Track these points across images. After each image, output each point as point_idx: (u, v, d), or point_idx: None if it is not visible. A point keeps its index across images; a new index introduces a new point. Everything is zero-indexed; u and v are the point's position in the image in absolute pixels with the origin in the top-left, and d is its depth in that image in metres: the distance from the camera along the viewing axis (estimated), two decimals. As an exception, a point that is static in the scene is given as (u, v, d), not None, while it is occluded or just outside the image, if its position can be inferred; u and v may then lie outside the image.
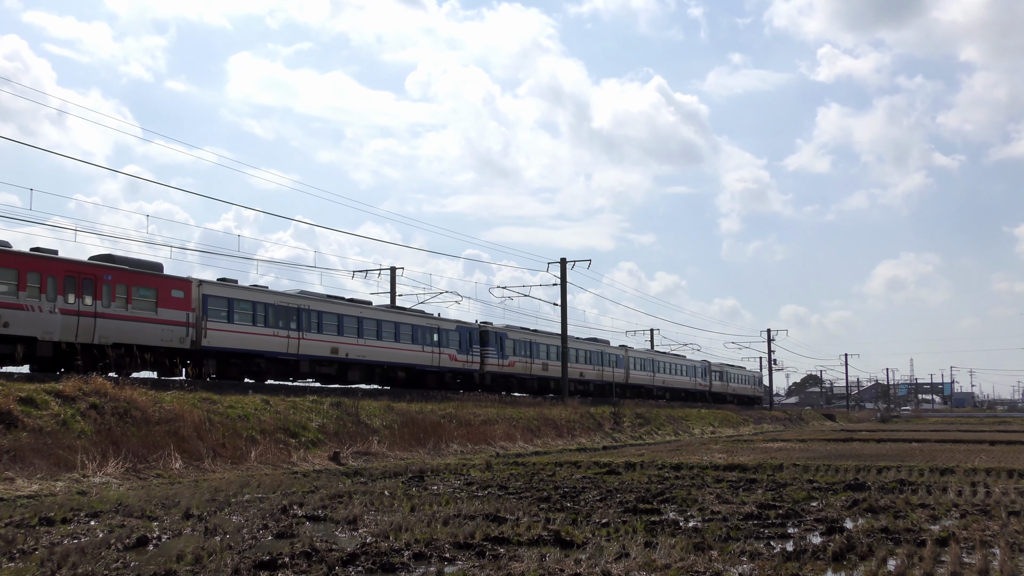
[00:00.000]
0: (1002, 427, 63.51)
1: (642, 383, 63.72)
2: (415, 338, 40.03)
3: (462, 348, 42.90)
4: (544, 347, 50.36)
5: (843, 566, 10.23)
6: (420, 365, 40.40)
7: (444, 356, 41.65)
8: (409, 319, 40.01)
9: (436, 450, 29.38)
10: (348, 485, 18.64)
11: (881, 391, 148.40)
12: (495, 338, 45.82)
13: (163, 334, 28.62)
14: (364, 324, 37.01)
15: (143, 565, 10.02)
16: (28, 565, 10.01)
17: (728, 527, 12.71)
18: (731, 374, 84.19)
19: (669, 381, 68.85)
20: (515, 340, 47.72)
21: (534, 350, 49.11)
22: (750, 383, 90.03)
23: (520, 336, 48.37)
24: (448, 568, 10.11)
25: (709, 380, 77.09)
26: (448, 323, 42.62)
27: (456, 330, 42.88)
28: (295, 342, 33.50)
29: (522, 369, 48.06)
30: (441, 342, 41.50)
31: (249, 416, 25.09)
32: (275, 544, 11.38)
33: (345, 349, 35.81)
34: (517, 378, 48.14)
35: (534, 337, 49.58)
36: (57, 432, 19.64)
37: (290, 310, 33.57)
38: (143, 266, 29.03)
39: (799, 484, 18.97)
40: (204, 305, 30.15)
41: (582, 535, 11.88)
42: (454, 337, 42.54)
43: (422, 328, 40.58)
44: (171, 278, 29.46)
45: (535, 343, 49.43)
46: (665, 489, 17.90)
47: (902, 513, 14.20)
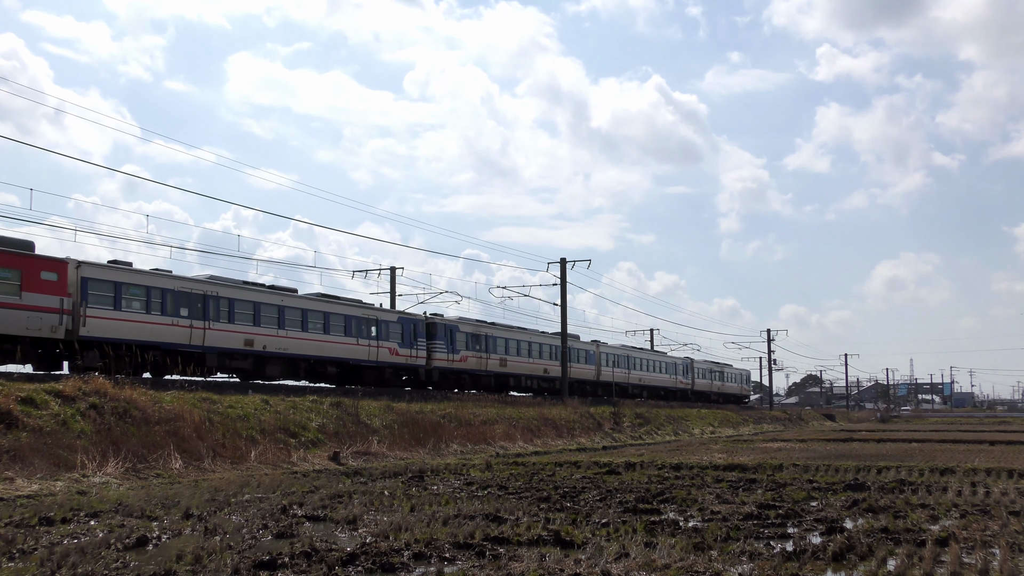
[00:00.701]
0: (1002, 427, 63.52)
1: (616, 380, 60.26)
2: (348, 330, 36.81)
3: (405, 341, 39.80)
4: (502, 341, 47.18)
5: (843, 566, 10.23)
6: (354, 359, 37.14)
7: (383, 350, 38.49)
8: (341, 309, 36.80)
9: (436, 450, 29.39)
10: (348, 485, 18.64)
11: (881, 391, 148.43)
12: (444, 331, 42.72)
13: (28, 322, 25.27)
14: (286, 314, 33.86)
15: (143, 565, 10.02)
16: (28, 565, 10.01)
17: (728, 527, 12.71)
18: (717, 372, 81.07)
19: (647, 379, 65.53)
20: (468, 333, 44.51)
21: (490, 344, 45.91)
22: (738, 381, 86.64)
23: (473, 329, 45.20)
24: (448, 568, 10.11)
25: (692, 378, 74.03)
26: (389, 314, 40.01)
27: (398, 322, 39.94)
28: (200, 332, 30.37)
29: (476, 365, 44.89)
30: (380, 335, 38.37)
31: (249, 416, 25.09)
32: (275, 544, 11.38)
33: (262, 341, 32.63)
34: (470, 374, 44.99)
35: (490, 331, 46.56)
36: (57, 432, 19.65)
37: (194, 296, 30.38)
38: (3, 243, 25.42)
39: (799, 484, 18.97)
40: (83, 289, 26.98)
41: (582, 535, 11.88)
42: (395, 329, 39.55)
43: (357, 319, 37.35)
44: (41, 258, 26.01)
45: (491, 337, 46.28)
46: (665, 489, 17.90)
47: (902, 513, 14.20)
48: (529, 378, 49.76)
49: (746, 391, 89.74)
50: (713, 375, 79.61)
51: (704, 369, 77.71)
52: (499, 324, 48.27)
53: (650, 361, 67.05)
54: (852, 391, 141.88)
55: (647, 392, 65.53)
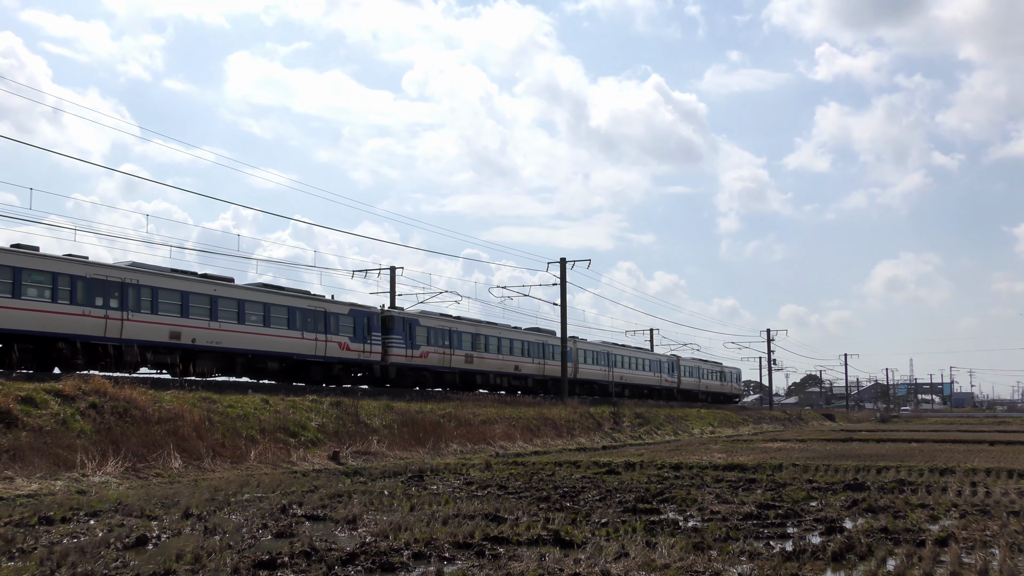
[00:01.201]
0: (1002, 427, 63.52)
1: (594, 378, 57.52)
2: (292, 323, 34.15)
3: (357, 336, 37.15)
4: (468, 336, 44.44)
5: (842, 566, 10.23)
6: (299, 355, 34.46)
7: (332, 344, 35.81)
8: (283, 300, 34.15)
9: (435, 450, 29.39)
10: (347, 485, 18.65)
11: (881, 391, 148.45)
12: (403, 325, 40.19)
13: None
14: (219, 304, 31.21)
15: (143, 564, 10.02)
16: (27, 564, 10.01)
17: (728, 527, 12.71)
18: (705, 370, 78.17)
19: (628, 376, 62.38)
20: (430, 328, 41.85)
21: (455, 340, 43.26)
22: (728, 380, 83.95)
23: (437, 323, 42.61)
24: (447, 568, 10.11)
25: (678, 376, 71.36)
26: (339, 306, 36.97)
27: (350, 315, 37.15)
28: (117, 324, 27.59)
29: (438, 361, 42.13)
30: (329, 328, 35.76)
31: (249, 416, 25.10)
32: (274, 543, 11.38)
33: (191, 334, 29.98)
34: (432, 371, 42.32)
35: (456, 325, 43.87)
36: (57, 431, 19.65)
37: (110, 284, 27.67)
38: None
39: (798, 484, 18.97)
40: None
41: (582, 535, 11.88)
42: (346, 323, 36.80)
43: (302, 311, 34.71)
44: None
45: (456, 332, 43.54)
46: (665, 489, 17.91)
47: (901, 513, 14.21)
48: (499, 375, 47.44)
49: (737, 390, 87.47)
50: (701, 373, 77.11)
51: (691, 367, 75.28)
52: (465, 318, 45.89)
53: (632, 358, 64.09)
54: (852, 391, 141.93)
55: (629, 391, 62.69)
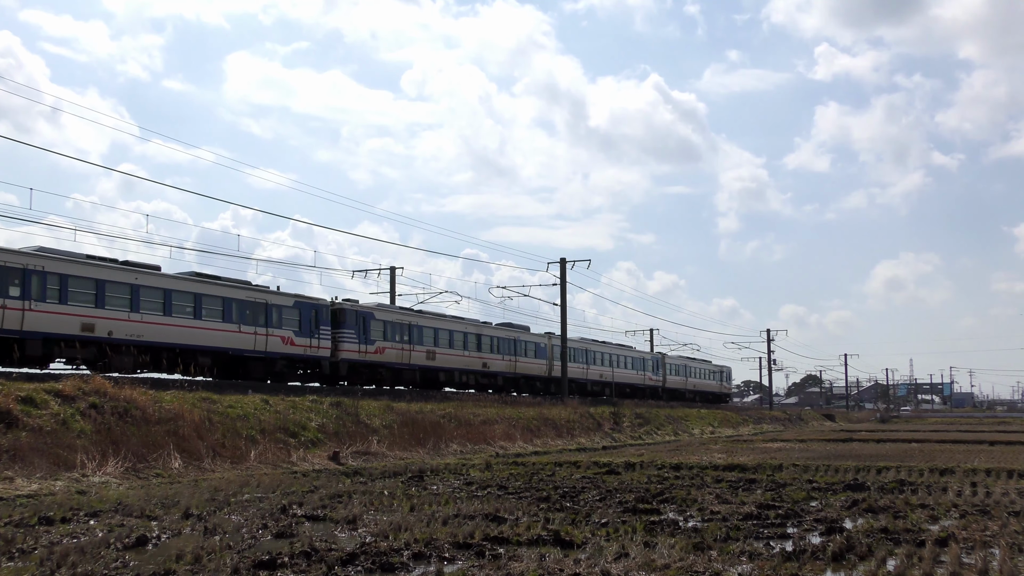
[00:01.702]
0: (1002, 427, 63.51)
1: (571, 376, 53.96)
2: (228, 315, 31.52)
3: (303, 330, 34.57)
4: (430, 331, 41.85)
5: (842, 566, 10.23)
6: (235, 349, 31.78)
7: (274, 339, 33.20)
8: (217, 290, 31.45)
9: (436, 450, 29.39)
10: (348, 485, 18.64)
11: (881, 391, 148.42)
12: (355, 319, 37.46)
13: None
14: (142, 294, 28.53)
15: (143, 564, 10.02)
16: (27, 564, 10.01)
17: (728, 527, 12.71)
18: (692, 368, 75.80)
19: (609, 374, 59.84)
20: (386, 322, 39.17)
21: (415, 335, 40.67)
22: (715, 379, 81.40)
23: (394, 317, 39.91)
24: (448, 568, 10.11)
25: (663, 374, 68.94)
26: (282, 297, 34.19)
27: (295, 307, 34.53)
28: (17, 314, 25.23)
29: (396, 358, 39.48)
30: (271, 321, 33.16)
31: (249, 416, 25.10)
32: (274, 544, 11.37)
33: (107, 326, 27.38)
34: (389, 368, 39.64)
35: (416, 319, 41.30)
36: (57, 431, 19.65)
37: (10, 271, 25.24)
38: None
39: (799, 484, 18.97)
40: None
41: (582, 535, 11.88)
42: (291, 315, 34.25)
43: (239, 303, 32.09)
44: None
45: (417, 326, 40.93)
46: (665, 489, 17.91)
47: (902, 513, 14.20)
48: (465, 373, 44.86)
49: (726, 389, 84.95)
50: (688, 371, 74.73)
51: (677, 365, 73.00)
52: (428, 312, 43.67)
53: (613, 355, 61.36)
54: (852, 391, 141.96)
55: (610, 390, 60.16)
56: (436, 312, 44.92)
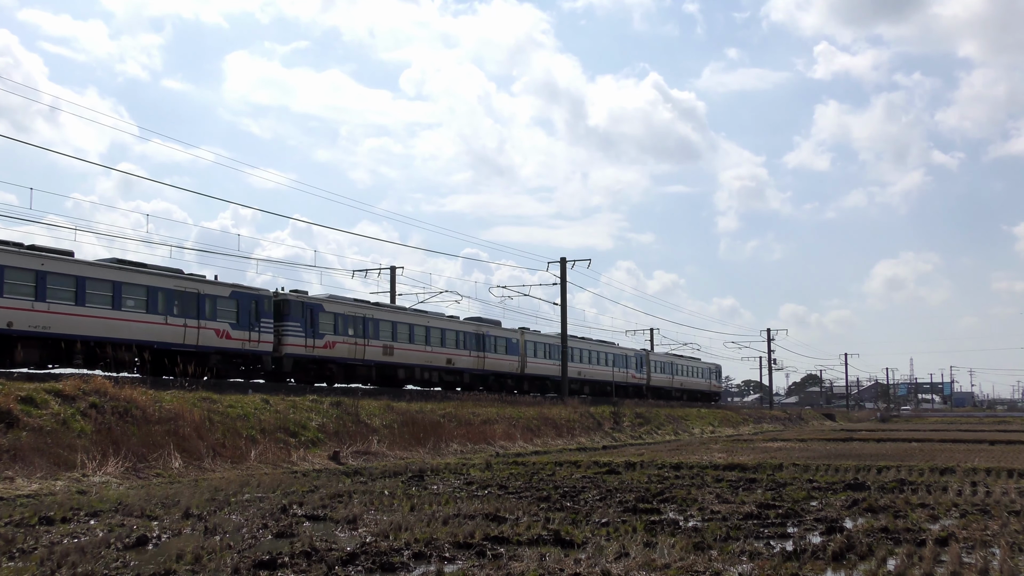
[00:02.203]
0: (1002, 427, 63.51)
1: (546, 374, 52.19)
2: (153, 305, 28.96)
3: (242, 322, 32.01)
4: (387, 325, 39.40)
5: (843, 566, 10.23)
6: (161, 343, 29.32)
7: (207, 332, 30.72)
8: (141, 278, 28.85)
9: (436, 450, 29.39)
10: (348, 484, 18.65)
11: (881, 391, 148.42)
12: (301, 311, 35.01)
13: None
14: (49, 281, 26.10)
15: (143, 564, 10.02)
16: (28, 564, 10.01)
17: (728, 527, 12.71)
18: (679, 366, 73.19)
19: (588, 372, 56.55)
20: (337, 315, 36.73)
21: (369, 328, 38.17)
22: (705, 376, 78.45)
23: (346, 310, 37.39)
24: (448, 568, 10.11)
25: (647, 372, 66.33)
26: (217, 287, 31.70)
27: (231, 297, 31.92)
28: None
29: (349, 353, 37.04)
30: (203, 313, 30.64)
31: (249, 415, 25.10)
32: (275, 543, 11.38)
33: (6, 316, 25.02)
34: (340, 364, 37.20)
35: (372, 312, 38.79)
36: (57, 431, 19.65)
37: None
38: None
39: (799, 484, 18.98)
40: None
41: (582, 535, 11.88)
42: (227, 307, 31.68)
43: (167, 292, 29.58)
44: None
45: (371, 319, 38.40)
46: (665, 489, 17.91)
47: (902, 513, 14.21)
48: (427, 370, 42.34)
49: (716, 387, 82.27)
50: (675, 369, 72.10)
51: (663, 362, 70.55)
52: (385, 305, 41.48)
53: (592, 352, 58.10)
54: (852, 391, 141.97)
55: (589, 388, 57.52)
56: (395, 305, 42.51)
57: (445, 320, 44.29)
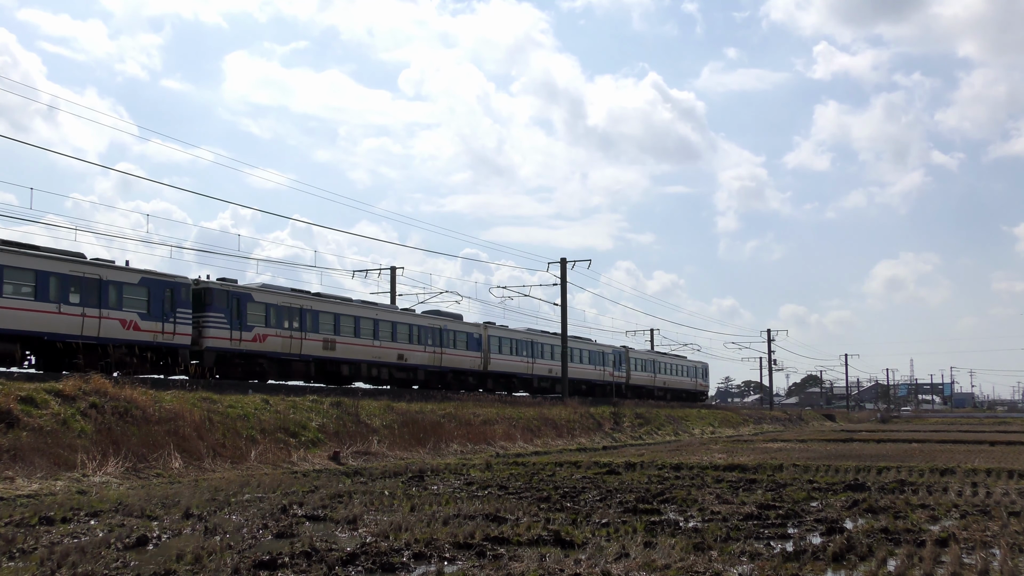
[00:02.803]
0: (1002, 427, 63.52)
1: (512, 371, 49.36)
2: (43, 292, 26.02)
3: (154, 312, 28.97)
4: (328, 317, 36.53)
5: (843, 566, 10.23)
6: (53, 334, 26.36)
7: (111, 323, 27.66)
8: (25, 262, 25.86)
9: (436, 450, 29.40)
10: (348, 485, 18.65)
11: (881, 391, 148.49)
12: (226, 300, 31.98)
13: None
14: None
15: (143, 564, 10.02)
16: (28, 564, 10.01)
17: (728, 527, 12.71)
18: (662, 364, 70.28)
19: (558, 370, 52.42)
20: (270, 305, 33.66)
21: (308, 320, 35.31)
22: (690, 375, 75.67)
23: (280, 300, 34.33)
24: (448, 568, 10.11)
25: (627, 370, 63.20)
26: (124, 273, 28.62)
27: (141, 284, 28.87)
28: None
29: (283, 347, 34.04)
30: (106, 301, 27.56)
31: (249, 416, 25.11)
32: (275, 544, 11.38)
33: None
34: (273, 359, 33.98)
35: (311, 303, 35.91)
36: (57, 431, 19.65)
37: None
38: None
39: (799, 484, 18.97)
40: None
41: (582, 535, 11.88)
42: (136, 295, 28.64)
43: (61, 277, 26.61)
44: None
45: (311, 311, 35.61)
46: (665, 489, 17.91)
47: (902, 513, 14.21)
48: (375, 366, 39.31)
49: (703, 386, 79.28)
50: (657, 367, 69.12)
51: (644, 360, 67.23)
52: (327, 295, 37.99)
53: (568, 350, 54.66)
54: (852, 391, 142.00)
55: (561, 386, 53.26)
56: (336, 295, 38.95)
57: (397, 313, 41.67)
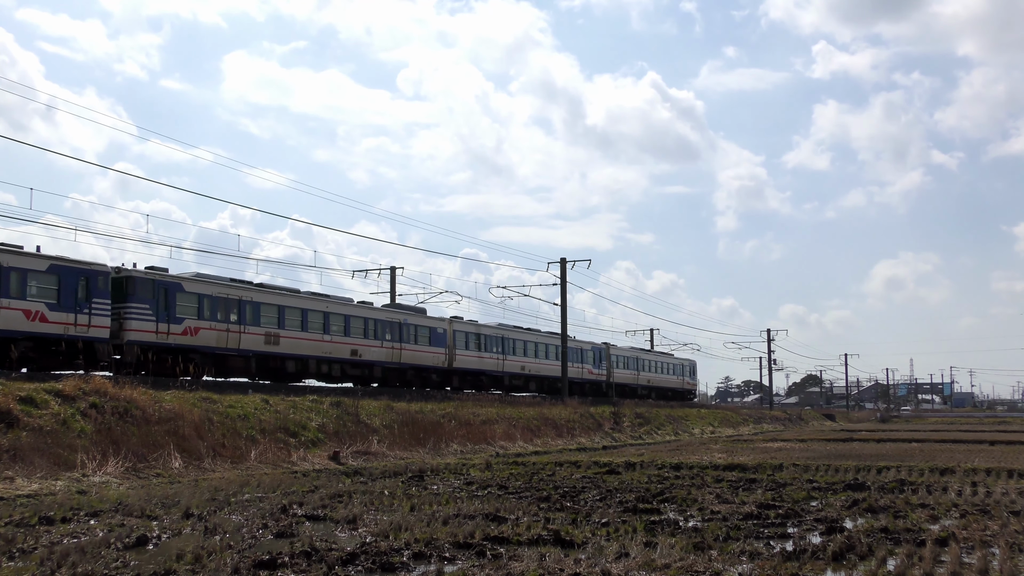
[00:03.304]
0: (1002, 427, 63.54)
1: (481, 368, 46.49)
2: None
3: (64, 302, 26.54)
4: (273, 309, 33.81)
5: (843, 566, 10.23)
6: None
7: (12, 313, 25.35)
8: None
9: (436, 450, 29.40)
10: (348, 485, 18.65)
11: (881, 391, 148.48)
12: (151, 290, 29.25)
13: None
14: None
15: (143, 564, 10.03)
16: (28, 564, 10.01)
17: (728, 527, 12.72)
18: (645, 361, 67.15)
19: (534, 367, 50.74)
20: (203, 296, 31.04)
21: (248, 313, 32.61)
22: (677, 373, 72.71)
23: (215, 290, 31.63)
24: (448, 568, 10.12)
25: (607, 368, 59.95)
26: (27, 259, 26.14)
27: (50, 272, 26.44)
28: None
29: (217, 341, 31.31)
30: (6, 290, 25.21)
31: (249, 416, 25.11)
32: (275, 543, 11.38)
33: None
34: (208, 354, 31.30)
35: (250, 293, 33.05)
36: (57, 431, 19.66)
37: None
38: None
39: (799, 484, 18.98)
40: None
41: (582, 535, 11.89)
42: (43, 283, 26.30)
43: None
44: None
45: (251, 303, 32.85)
46: (665, 489, 17.91)
47: (902, 513, 14.21)
48: (325, 362, 36.58)
49: (690, 385, 76.14)
50: (641, 365, 66.05)
51: (627, 357, 64.01)
52: (270, 286, 35.35)
53: (540, 345, 52.21)
54: (852, 391, 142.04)
55: (536, 384, 51.91)
56: (283, 287, 36.09)
57: (351, 306, 38.48)
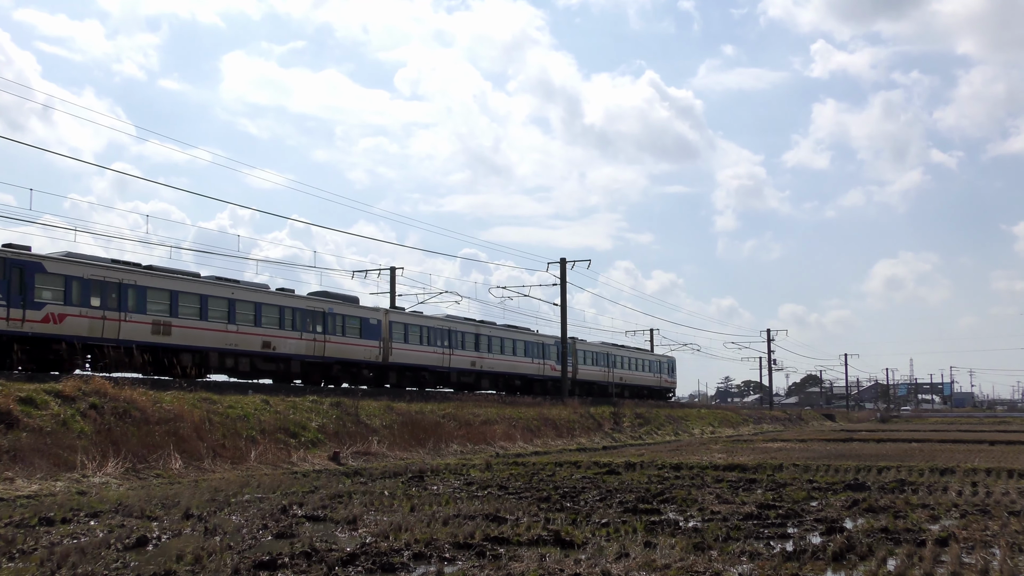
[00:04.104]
0: (1002, 427, 63.52)
1: (422, 364, 42.07)
2: None
3: None
4: (164, 295, 29.83)
5: (843, 566, 10.23)
6: None
7: None
8: None
9: (436, 450, 29.40)
10: (348, 485, 18.65)
11: (881, 391, 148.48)
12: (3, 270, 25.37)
13: None
14: None
15: (143, 565, 10.02)
16: (28, 565, 10.01)
17: (728, 527, 12.71)
18: (619, 358, 62.43)
19: (489, 363, 46.53)
20: (70, 278, 27.06)
21: (130, 298, 28.65)
22: (654, 371, 68.63)
23: (87, 272, 27.61)
24: (448, 568, 10.12)
25: (574, 364, 55.06)
26: None
27: None
28: None
29: (88, 329, 27.34)
30: None
31: (249, 416, 25.10)
32: (275, 544, 11.38)
33: None
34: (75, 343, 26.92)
35: (132, 276, 29.03)
36: (57, 432, 19.65)
37: None
38: None
39: (799, 484, 18.97)
40: None
41: (582, 535, 11.88)
42: None
43: None
44: None
45: (132, 286, 28.80)
46: (665, 489, 17.91)
47: (902, 513, 14.21)
48: (230, 355, 32.29)
49: (668, 383, 71.44)
50: (611, 361, 61.12)
51: (596, 353, 59.35)
52: (160, 268, 31.15)
53: (493, 338, 47.47)
54: (852, 391, 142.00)
55: (489, 381, 47.59)
56: (175, 270, 31.67)
57: (264, 292, 34.05)
